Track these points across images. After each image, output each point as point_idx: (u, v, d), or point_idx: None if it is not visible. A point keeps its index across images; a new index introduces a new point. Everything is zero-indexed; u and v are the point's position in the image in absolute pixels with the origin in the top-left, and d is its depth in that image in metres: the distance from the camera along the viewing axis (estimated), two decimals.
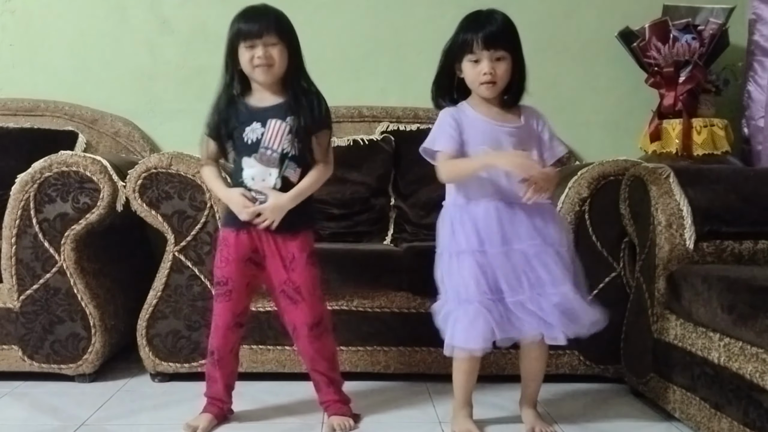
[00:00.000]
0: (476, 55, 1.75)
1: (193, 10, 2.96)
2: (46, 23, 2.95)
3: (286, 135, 1.84)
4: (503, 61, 1.75)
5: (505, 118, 1.81)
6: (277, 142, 1.83)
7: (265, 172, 1.83)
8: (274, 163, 1.84)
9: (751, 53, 2.89)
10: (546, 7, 2.96)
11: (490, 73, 1.74)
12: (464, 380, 1.86)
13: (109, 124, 2.87)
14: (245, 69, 1.84)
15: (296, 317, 1.90)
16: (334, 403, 1.95)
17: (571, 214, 2.25)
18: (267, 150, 1.83)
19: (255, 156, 1.84)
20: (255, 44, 1.81)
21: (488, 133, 1.78)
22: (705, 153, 2.69)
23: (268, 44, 1.81)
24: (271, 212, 1.82)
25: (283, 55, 1.83)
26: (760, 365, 1.55)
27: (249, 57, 1.81)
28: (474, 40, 1.74)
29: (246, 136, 1.84)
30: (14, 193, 2.19)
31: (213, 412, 1.92)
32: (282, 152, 1.84)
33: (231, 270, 1.87)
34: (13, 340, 2.23)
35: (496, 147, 1.77)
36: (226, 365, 1.93)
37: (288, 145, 1.84)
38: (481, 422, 1.92)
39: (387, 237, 2.70)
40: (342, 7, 2.97)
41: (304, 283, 1.88)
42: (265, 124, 1.84)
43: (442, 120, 1.82)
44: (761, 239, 1.99)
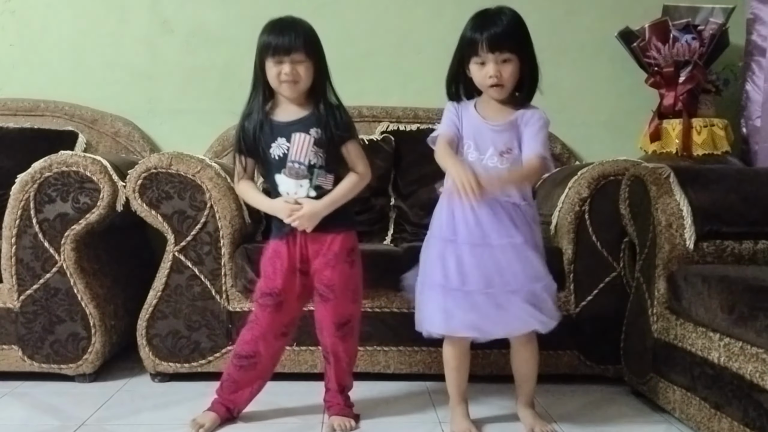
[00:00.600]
0: (481, 58, 1.74)
1: (193, 10, 2.96)
2: (46, 23, 2.95)
3: (311, 147, 1.85)
4: (509, 62, 1.74)
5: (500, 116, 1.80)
6: (303, 154, 1.85)
7: (297, 185, 1.85)
8: (304, 175, 1.85)
9: (750, 53, 2.89)
10: (546, 7, 2.96)
11: (495, 76, 1.73)
12: (453, 376, 1.87)
13: (109, 124, 2.87)
14: (272, 83, 1.85)
15: (324, 315, 1.92)
16: (337, 405, 1.96)
17: (571, 214, 2.25)
18: (294, 163, 1.85)
19: (284, 171, 1.85)
20: (282, 60, 1.81)
21: (475, 129, 1.80)
22: (705, 153, 2.70)
23: (295, 61, 1.82)
24: (308, 219, 1.84)
25: (309, 72, 1.85)
26: (760, 365, 1.55)
27: (276, 72, 1.83)
28: (479, 42, 1.73)
29: (273, 152, 1.86)
30: (14, 193, 2.19)
31: (219, 412, 1.92)
32: (309, 164, 1.85)
33: (282, 281, 1.87)
34: (13, 340, 2.23)
35: (477, 143, 1.79)
36: (260, 372, 1.94)
37: (314, 156, 1.85)
38: (480, 422, 1.92)
39: (387, 237, 2.70)
40: (342, 7, 2.98)
41: (338, 282, 1.89)
42: (289, 138, 1.85)
43: (447, 110, 1.86)
44: (761, 239, 1.99)
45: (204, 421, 1.88)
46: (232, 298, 2.25)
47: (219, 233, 2.22)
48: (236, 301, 2.25)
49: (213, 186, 2.21)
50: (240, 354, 1.92)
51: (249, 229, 2.34)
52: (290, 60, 1.81)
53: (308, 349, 2.23)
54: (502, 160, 1.78)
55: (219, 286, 2.25)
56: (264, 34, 1.85)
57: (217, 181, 2.22)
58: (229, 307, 2.25)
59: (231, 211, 2.22)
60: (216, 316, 2.25)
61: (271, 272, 1.89)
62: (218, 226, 2.21)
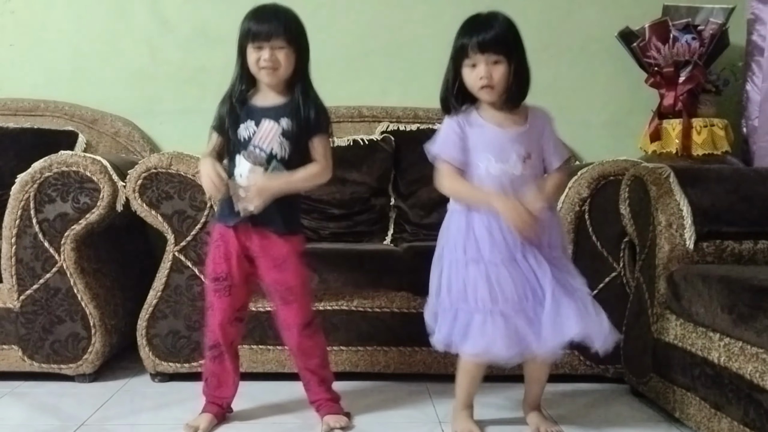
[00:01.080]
0: (472, 60, 1.74)
1: (193, 10, 2.96)
2: (46, 23, 2.95)
3: (277, 136, 1.84)
4: (500, 64, 1.74)
5: (512, 122, 1.79)
6: (267, 142, 1.84)
7: (251, 170, 1.84)
8: (261, 162, 1.84)
9: (750, 53, 2.89)
10: (546, 7, 2.96)
11: (486, 77, 1.73)
12: (468, 384, 1.86)
13: (109, 124, 2.87)
14: (251, 69, 1.85)
15: (289, 317, 1.92)
16: (326, 401, 1.96)
17: (571, 214, 2.25)
18: (255, 148, 1.84)
19: (244, 153, 1.85)
20: (262, 46, 1.82)
21: (493, 140, 1.77)
22: (705, 153, 2.69)
23: (275, 47, 1.81)
24: (257, 192, 1.81)
25: (290, 59, 1.84)
26: (760, 365, 1.55)
27: (255, 58, 1.83)
28: (470, 45, 1.73)
29: (239, 133, 1.86)
30: (14, 193, 2.19)
31: (213, 412, 1.92)
32: (270, 152, 1.84)
33: (230, 265, 1.87)
34: (13, 340, 2.23)
35: (500, 154, 1.76)
36: (228, 360, 1.93)
37: (277, 146, 1.84)
38: (482, 423, 1.92)
39: (387, 237, 2.70)
40: (342, 7, 2.98)
41: (297, 284, 1.90)
42: (258, 123, 1.85)
43: (448, 126, 1.81)
44: (761, 239, 1.99)
45: (197, 424, 1.87)
46: None
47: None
48: None
49: None
50: (208, 345, 1.93)
51: None
52: (270, 46, 1.81)
53: None
54: (525, 166, 1.78)
55: None
56: (246, 20, 1.86)
57: None
58: None
59: None
60: None
61: (217, 256, 1.88)
62: None
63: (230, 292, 1.89)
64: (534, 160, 1.79)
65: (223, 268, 1.88)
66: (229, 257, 1.87)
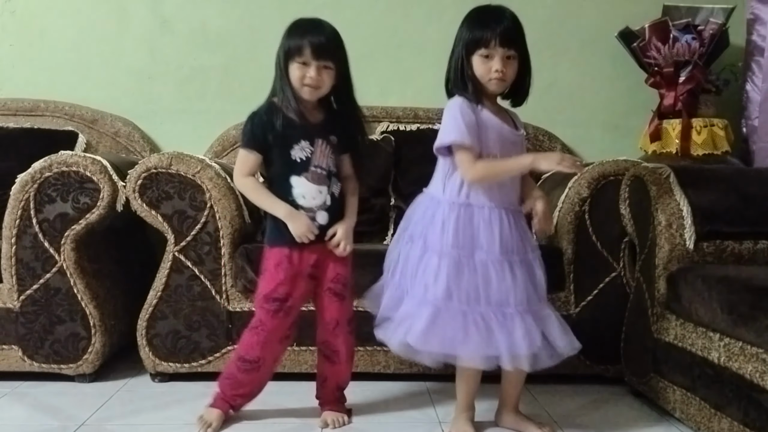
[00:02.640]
0: (488, 51, 1.73)
1: (193, 10, 2.96)
2: (46, 23, 2.95)
3: (330, 153, 1.86)
4: (513, 59, 1.75)
5: (507, 122, 1.82)
6: (325, 161, 1.85)
7: (316, 190, 1.84)
8: (324, 181, 1.85)
9: (750, 53, 2.89)
10: (546, 7, 2.97)
11: (502, 70, 1.73)
12: (467, 384, 1.86)
13: (109, 124, 2.87)
14: (294, 84, 1.81)
15: (341, 313, 1.92)
16: (333, 401, 1.98)
17: (571, 214, 2.25)
18: (317, 169, 1.84)
19: (305, 175, 1.83)
20: (308, 63, 1.79)
21: (502, 137, 1.77)
22: (705, 153, 2.70)
23: (320, 67, 1.80)
24: (346, 238, 1.87)
25: (332, 78, 1.83)
26: (760, 365, 1.55)
27: (300, 75, 1.80)
28: (489, 37, 1.72)
29: (294, 154, 1.83)
30: (14, 193, 2.19)
31: (224, 409, 1.92)
32: (329, 170, 1.86)
33: (294, 287, 1.86)
34: (13, 340, 2.23)
35: (504, 154, 1.77)
36: (263, 374, 1.93)
37: (332, 163, 1.86)
38: (480, 424, 1.92)
39: (387, 237, 2.70)
40: (342, 7, 2.97)
41: (349, 279, 1.93)
42: (313, 143, 1.84)
43: (461, 111, 1.75)
44: (761, 239, 1.99)
45: (211, 420, 1.88)
46: (232, 298, 2.25)
47: (219, 233, 2.22)
48: (236, 301, 2.25)
49: (213, 186, 2.21)
50: (245, 358, 1.90)
51: (249, 229, 2.34)
52: (316, 65, 1.79)
53: (308, 349, 2.23)
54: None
55: (219, 286, 2.25)
56: (292, 35, 1.81)
57: (217, 181, 2.22)
58: (229, 307, 2.25)
59: (231, 211, 2.22)
60: (216, 316, 2.25)
61: (283, 278, 1.85)
62: (218, 226, 2.21)
63: (288, 314, 1.88)
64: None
65: (286, 289, 1.85)
66: (296, 279, 1.86)
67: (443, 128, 1.77)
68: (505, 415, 1.93)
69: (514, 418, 1.91)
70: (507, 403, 1.92)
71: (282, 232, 1.85)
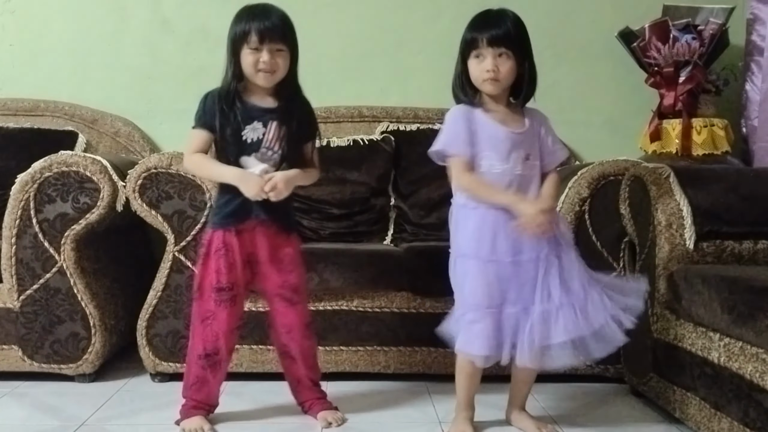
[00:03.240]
0: (479, 51, 1.75)
1: (193, 10, 2.96)
2: (46, 23, 2.95)
3: (284, 138, 1.84)
4: (507, 58, 1.75)
5: (512, 121, 1.80)
6: (278, 144, 1.84)
7: (266, 171, 1.82)
8: (275, 163, 1.84)
9: (749, 53, 2.89)
10: (546, 7, 2.96)
11: (492, 69, 1.74)
12: (466, 383, 1.86)
13: (109, 124, 2.86)
14: (246, 71, 1.81)
15: (293, 318, 1.92)
16: (317, 400, 1.98)
17: (571, 214, 2.25)
18: (268, 150, 1.83)
19: (255, 155, 1.83)
20: (260, 48, 1.78)
21: (496, 138, 1.77)
22: (705, 153, 2.70)
23: (273, 50, 1.79)
24: (284, 183, 1.80)
25: (286, 62, 1.83)
26: (760, 365, 1.55)
27: (253, 60, 1.79)
28: (478, 38, 1.75)
29: (246, 134, 1.83)
30: (14, 193, 2.19)
31: (203, 415, 1.90)
32: (281, 154, 1.85)
33: (236, 274, 1.85)
34: (13, 340, 2.23)
35: (499, 153, 1.76)
36: (224, 368, 1.92)
37: (285, 147, 1.85)
38: (481, 423, 1.92)
39: (387, 237, 2.70)
40: (342, 7, 2.97)
41: (301, 284, 1.92)
42: (266, 124, 1.83)
43: (454, 120, 1.79)
44: (761, 239, 1.99)
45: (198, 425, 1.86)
46: None
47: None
48: None
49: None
50: (203, 353, 1.87)
51: None
52: (268, 49, 1.78)
53: None
54: (525, 167, 1.78)
55: None
56: (241, 21, 1.80)
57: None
58: None
59: None
60: None
61: (222, 266, 1.84)
62: None
63: (235, 302, 1.87)
64: (532, 161, 1.80)
65: (228, 277, 1.85)
66: (235, 266, 1.85)
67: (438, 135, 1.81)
68: (512, 413, 1.93)
69: (519, 416, 1.92)
70: (514, 402, 1.93)
71: (220, 214, 1.86)
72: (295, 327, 1.92)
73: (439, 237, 2.40)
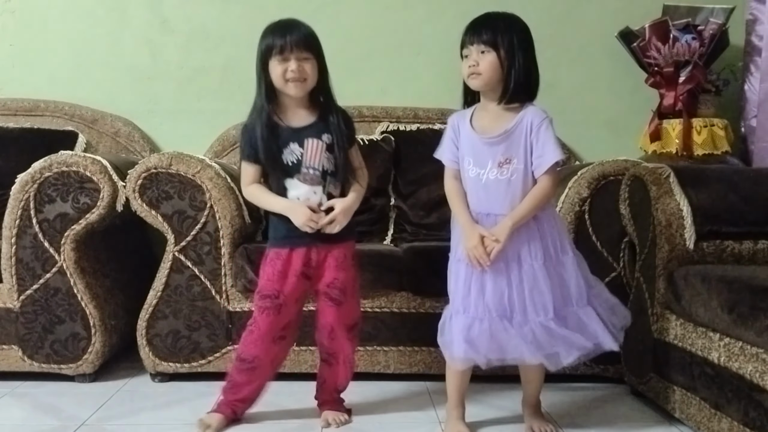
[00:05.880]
0: (466, 51, 1.78)
1: (193, 10, 2.96)
2: (46, 23, 2.95)
3: (324, 153, 1.85)
4: (488, 54, 1.75)
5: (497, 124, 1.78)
6: (317, 160, 1.84)
7: (310, 191, 1.84)
8: (317, 181, 1.85)
9: (748, 53, 2.89)
10: (546, 7, 2.97)
11: (473, 65, 1.75)
12: (455, 381, 1.87)
13: (109, 124, 2.87)
14: (277, 83, 1.82)
15: (336, 319, 1.91)
16: (332, 402, 1.99)
17: (571, 214, 2.25)
18: (309, 169, 1.84)
19: (298, 177, 1.84)
20: (288, 58, 1.80)
21: (471, 144, 1.81)
22: (705, 153, 2.70)
23: (300, 58, 1.81)
24: (343, 215, 1.85)
25: (315, 70, 1.84)
26: (760, 365, 1.55)
27: (282, 71, 1.81)
28: (465, 38, 1.78)
29: (285, 158, 1.84)
30: (14, 193, 2.19)
31: (226, 414, 1.91)
32: (323, 170, 1.85)
33: (284, 284, 1.86)
34: (13, 340, 2.23)
35: (477, 158, 1.79)
36: (260, 375, 1.93)
37: (327, 162, 1.85)
38: (480, 423, 1.92)
39: (387, 237, 2.70)
40: (342, 7, 2.98)
41: (349, 285, 1.91)
42: (302, 144, 1.84)
43: (447, 129, 1.87)
44: (761, 239, 1.99)
45: (211, 422, 1.87)
46: (232, 298, 2.25)
47: (219, 233, 2.22)
48: (236, 301, 2.25)
49: (213, 186, 2.21)
50: (241, 357, 1.91)
51: (249, 229, 2.34)
52: (295, 57, 1.80)
53: (308, 349, 2.23)
54: (502, 171, 1.77)
55: (219, 286, 2.25)
56: (267, 36, 1.84)
57: (217, 181, 2.22)
58: (229, 307, 2.25)
59: (231, 211, 2.22)
60: (216, 316, 2.25)
61: (272, 274, 1.86)
62: (218, 226, 2.21)
63: (279, 312, 1.87)
64: (516, 164, 1.76)
65: (276, 286, 1.86)
66: (286, 276, 1.86)
67: None
68: (524, 411, 1.94)
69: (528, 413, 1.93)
70: (525, 400, 1.94)
71: (278, 232, 1.88)
72: (338, 328, 1.92)
73: (439, 237, 2.40)
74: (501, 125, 1.78)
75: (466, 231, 1.77)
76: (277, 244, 1.89)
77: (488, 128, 1.80)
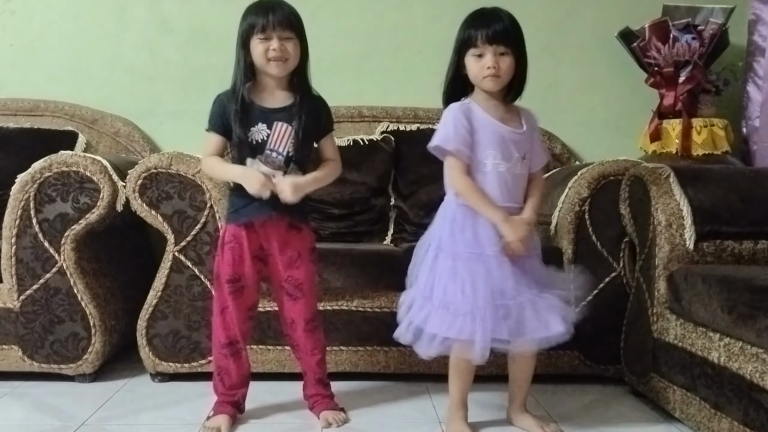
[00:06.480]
0: (479, 50, 1.75)
1: (193, 10, 2.96)
2: (46, 23, 2.95)
3: (291, 138, 1.84)
4: (506, 56, 1.75)
5: (510, 121, 1.81)
6: (282, 145, 1.83)
7: (269, 174, 1.83)
8: (279, 165, 1.84)
9: (751, 53, 2.89)
10: (546, 7, 2.97)
11: (493, 66, 1.74)
12: (458, 381, 1.86)
13: (109, 124, 2.87)
14: (258, 62, 1.82)
15: (294, 312, 1.93)
16: (322, 398, 1.98)
17: (571, 214, 2.25)
18: (272, 152, 1.83)
19: (260, 157, 1.83)
20: (270, 36, 1.79)
21: (498, 136, 1.77)
22: (705, 153, 2.70)
23: (282, 38, 1.80)
24: (293, 189, 1.80)
25: (297, 50, 1.83)
26: (760, 365, 1.55)
27: (263, 49, 1.80)
28: (478, 36, 1.75)
29: (251, 136, 1.83)
30: (14, 193, 2.19)
31: (228, 412, 1.91)
32: (287, 155, 1.84)
33: (244, 267, 1.87)
34: (13, 340, 2.23)
35: (503, 152, 1.77)
36: (245, 357, 1.94)
37: (292, 148, 1.84)
38: (479, 423, 1.92)
39: (387, 237, 2.70)
40: (342, 7, 2.98)
41: (305, 280, 1.92)
42: (270, 126, 1.83)
43: (454, 117, 1.77)
44: (761, 239, 1.99)
45: (218, 425, 1.86)
46: None
47: (219, 233, 2.22)
48: None
49: (213, 186, 2.21)
50: (225, 342, 1.91)
51: None
52: (277, 36, 1.79)
53: None
54: (523, 165, 1.81)
55: None
56: (248, 14, 1.83)
57: (217, 181, 2.22)
58: None
59: None
60: None
61: (231, 259, 1.87)
62: (218, 226, 2.21)
63: (242, 293, 1.89)
64: (527, 161, 1.82)
65: (237, 270, 1.87)
66: (244, 259, 1.87)
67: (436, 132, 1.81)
68: (512, 412, 1.93)
69: (521, 416, 1.92)
70: (514, 401, 1.93)
71: (234, 205, 1.88)
72: (296, 321, 1.93)
73: None
74: (515, 121, 1.81)
75: (512, 225, 1.74)
76: (233, 218, 1.88)
77: (509, 122, 1.81)
